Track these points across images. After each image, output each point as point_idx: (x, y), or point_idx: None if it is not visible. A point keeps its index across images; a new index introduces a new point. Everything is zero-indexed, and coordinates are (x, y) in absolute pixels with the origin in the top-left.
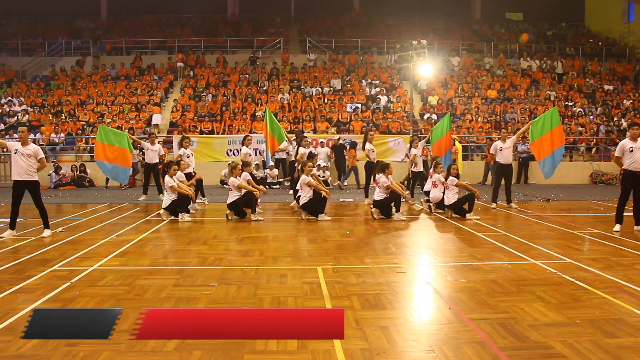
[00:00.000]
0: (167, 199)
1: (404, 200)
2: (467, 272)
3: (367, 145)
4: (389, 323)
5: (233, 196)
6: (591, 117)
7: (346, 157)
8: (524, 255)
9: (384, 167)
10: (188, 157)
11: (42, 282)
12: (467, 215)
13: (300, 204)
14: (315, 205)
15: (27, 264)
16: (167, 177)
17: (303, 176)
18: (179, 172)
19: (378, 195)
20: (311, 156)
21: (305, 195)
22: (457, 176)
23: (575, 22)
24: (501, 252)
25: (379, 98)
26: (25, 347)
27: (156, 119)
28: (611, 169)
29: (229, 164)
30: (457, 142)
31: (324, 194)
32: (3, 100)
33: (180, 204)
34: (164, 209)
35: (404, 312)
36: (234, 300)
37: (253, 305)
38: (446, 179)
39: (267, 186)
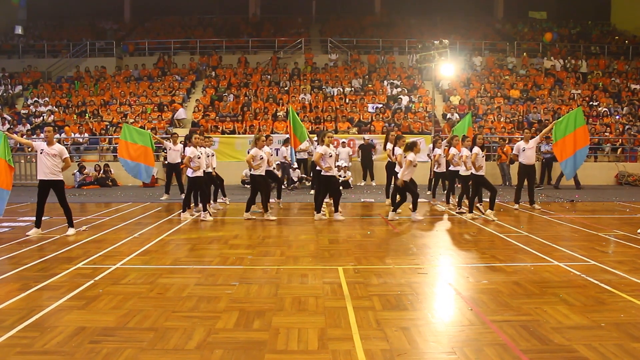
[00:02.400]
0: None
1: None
2: (489, 273)
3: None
4: (410, 324)
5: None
6: (617, 117)
7: (373, 157)
8: (547, 257)
9: (412, 145)
10: (208, 156)
11: (66, 279)
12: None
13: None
14: (327, 187)
15: (52, 261)
16: (189, 149)
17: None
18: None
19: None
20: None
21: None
22: None
23: (600, 21)
24: (524, 253)
25: (400, 98)
26: (50, 343)
27: (180, 113)
28: (637, 169)
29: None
30: None
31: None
32: (29, 101)
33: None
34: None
35: (425, 313)
36: (254, 299)
37: (274, 304)
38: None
39: (288, 186)
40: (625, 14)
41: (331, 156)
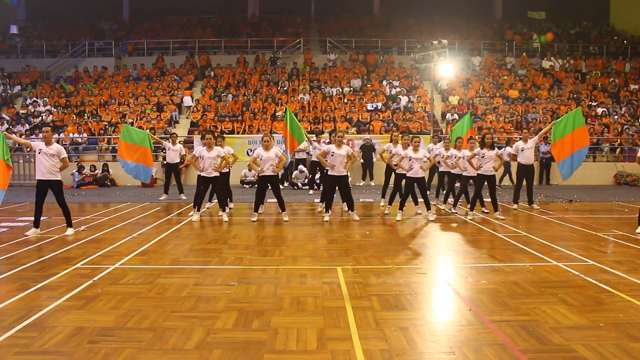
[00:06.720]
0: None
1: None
2: (488, 273)
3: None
4: (408, 324)
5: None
6: (615, 117)
7: (374, 158)
8: (545, 256)
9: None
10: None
11: (65, 279)
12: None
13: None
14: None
15: (50, 261)
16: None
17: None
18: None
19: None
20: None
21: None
22: None
23: (599, 20)
24: (523, 253)
25: (399, 98)
26: (49, 343)
27: (187, 101)
28: (636, 169)
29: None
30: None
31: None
32: (28, 101)
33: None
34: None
35: (424, 313)
36: (253, 300)
37: (273, 305)
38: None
39: (294, 187)
40: (624, 14)
41: (333, 155)
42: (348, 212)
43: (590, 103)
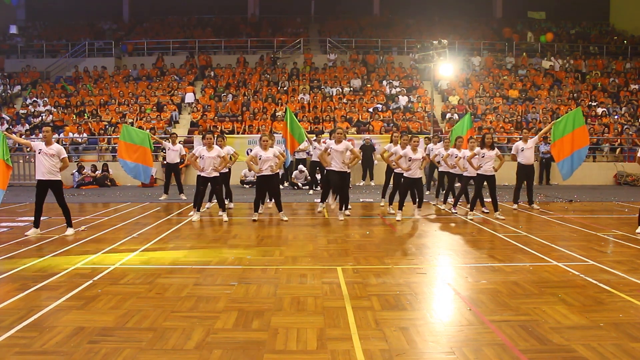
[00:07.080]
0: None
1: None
2: (488, 273)
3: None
4: (408, 324)
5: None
6: (616, 117)
7: (375, 159)
8: (545, 256)
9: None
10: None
11: (65, 279)
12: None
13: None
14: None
15: (50, 261)
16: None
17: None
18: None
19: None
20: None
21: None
22: None
23: (599, 21)
24: (523, 253)
25: (397, 97)
26: (49, 343)
27: (189, 97)
28: (636, 169)
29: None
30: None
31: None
32: (28, 101)
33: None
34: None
35: (424, 313)
36: (253, 300)
37: (273, 304)
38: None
39: (294, 187)
40: (624, 14)
41: (329, 152)
42: (343, 211)
43: (590, 103)
